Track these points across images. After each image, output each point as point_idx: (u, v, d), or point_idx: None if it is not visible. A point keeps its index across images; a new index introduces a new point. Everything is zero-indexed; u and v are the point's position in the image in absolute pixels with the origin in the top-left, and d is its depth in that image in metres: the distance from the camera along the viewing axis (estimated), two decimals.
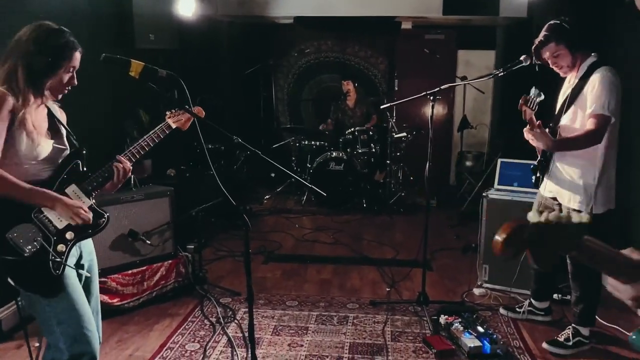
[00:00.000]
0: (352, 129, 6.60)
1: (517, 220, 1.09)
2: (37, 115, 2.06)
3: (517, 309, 3.68)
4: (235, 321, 3.55)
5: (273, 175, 7.26)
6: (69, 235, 2.09)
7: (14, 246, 1.94)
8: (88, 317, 2.13)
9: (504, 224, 1.09)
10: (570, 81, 3.16)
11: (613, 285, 1.19)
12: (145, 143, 2.37)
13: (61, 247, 2.05)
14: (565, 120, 3.10)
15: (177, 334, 3.37)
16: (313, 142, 6.85)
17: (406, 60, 7.92)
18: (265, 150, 6.41)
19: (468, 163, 7.11)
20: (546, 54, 3.05)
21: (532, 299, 3.64)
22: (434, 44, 7.72)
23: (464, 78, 6.48)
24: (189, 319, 3.58)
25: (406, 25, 7.80)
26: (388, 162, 6.61)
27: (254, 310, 3.56)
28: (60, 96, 2.16)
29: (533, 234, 1.07)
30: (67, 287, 2.06)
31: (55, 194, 2.04)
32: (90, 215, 2.11)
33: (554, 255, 1.10)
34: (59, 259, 2.02)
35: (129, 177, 2.34)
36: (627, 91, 3.00)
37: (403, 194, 6.67)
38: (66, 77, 2.09)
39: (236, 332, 3.40)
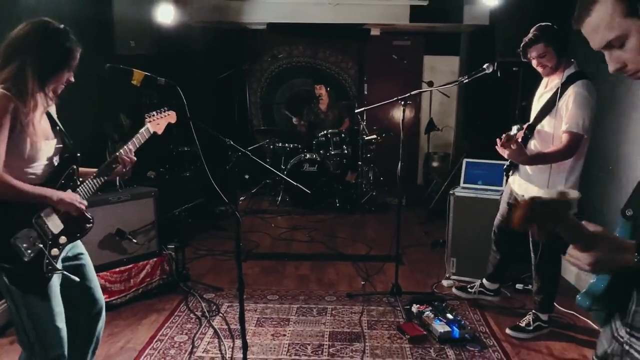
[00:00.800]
0: (325, 132, 6.84)
1: (526, 200, 1.31)
2: (37, 115, 2.12)
3: (469, 289, 3.98)
4: (220, 314, 3.73)
5: (247, 177, 7.45)
6: (62, 239, 2.23)
7: (17, 250, 2.06)
8: (61, 314, 2.25)
9: (520, 202, 1.31)
10: (548, 85, 3.34)
11: (573, 255, 1.38)
12: (129, 149, 2.51)
13: (55, 251, 2.19)
14: (541, 127, 3.31)
15: (165, 327, 3.54)
16: (287, 144, 7.08)
17: (375, 65, 8.22)
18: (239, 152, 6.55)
19: (435, 164, 7.45)
20: (533, 53, 3.22)
21: (484, 280, 3.93)
22: (401, 49, 8.03)
23: (430, 83, 6.79)
24: (175, 313, 3.75)
25: (375, 32, 8.08)
26: (359, 163, 6.87)
27: (236, 304, 3.79)
28: (59, 93, 2.23)
29: (543, 206, 1.28)
30: (50, 287, 2.19)
31: (58, 192, 2.18)
32: (85, 203, 2.27)
33: (550, 228, 1.31)
34: (53, 262, 2.16)
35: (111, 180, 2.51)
36: None
37: (374, 194, 6.94)
38: (67, 76, 2.17)
39: (221, 325, 3.59)
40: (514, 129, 3.29)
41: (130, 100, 5.24)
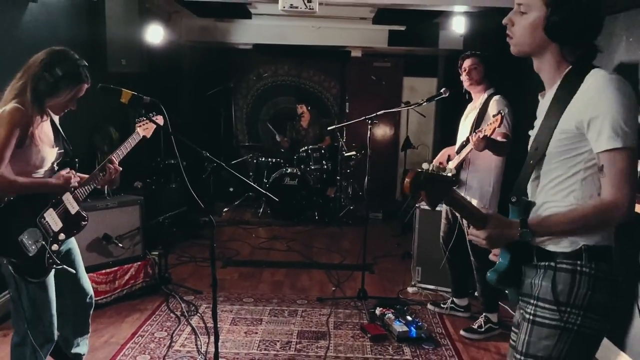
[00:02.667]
0: (306, 147, 7.19)
1: (414, 169, 1.65)
2: (43, 128, 2.45)
3: (442, 305, 4.28)
4: (198, 314, 4.03)
5: (232, 189, 7.77)
6: (61, 236, 2.56)
7: (23, 246, 2.38)
8: (54, 303, 2.57)
9: (409, 172, 1.65)
10: (472, 106, 3.85)
11: (473, 233, 1.77)
12: (121, 152, 2.86)
13: (55, 247, 2.52)
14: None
15: (146, 324, 3.83)
16: (269, 159, 7.43)
17: (356, 85, 8.62)
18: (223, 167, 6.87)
19: None
20: (466, 63, 3.78)
21: (453, 297, 4.25)
22: (381, 71, 8.45)
23: (407, 103, 7.18)
24: (157, 313, 4.04)
25: (356, 54, 8.51)
26: (338, 178, 7.22)
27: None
28: (60, 114, 2.58)
29: (427, 178, 1.61)
30: (48, 278, 2.51)
31: (46, 179, 2.50)
32: (74, 177, 2.58)
33: (437, 198, 1.65)
34: (54, 257, 2.49)
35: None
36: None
37: (352, 207, 7.28)
38: (66, 102, 2.49)
39: (199, 323, 3.88)
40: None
41: (120, 115, 5.57)
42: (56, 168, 2.59)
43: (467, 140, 3.62)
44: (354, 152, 7.17)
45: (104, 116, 5.26)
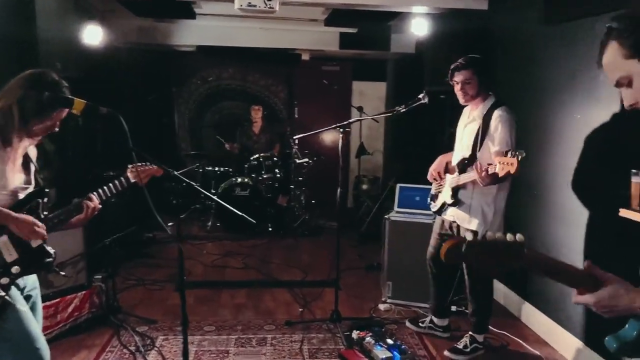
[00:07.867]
0: (257, 155, 6.82)
1: (458, 237, 1.34)
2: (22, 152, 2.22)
3: (420, 324, 4.03)
4: (155, 348, 3.58)
5: (175, 202, 7.25)
6: (15, 269, 2.17)
7: None
8: (38, 336, 2.20)
9: (449, 240, 1.33)
10: (470, 116, 3.54)
11: (577, 299, 1.43)
12: (103, 193, 2.52)
13: (4, 280, 2.13)
14: (481, 154, 3.41)
15: None
16: (217, 168, 6.99)
17: (305, 89, 8.32)
18: (168, 176, 6.41)
19: (365, 186, 7.59)
20: (459, 77, 3.41)
21: (433, 317, 3.99)
22: (330, 75, 8.20)
23: (359, 108, 6.96)
24: (107, 349, 3.55)
25: (305, 57, 8.20)
26: (292, 186, 6.88)
27: (171, 337, 3.67)
28: (38, 139, 2.30)
29: (469, 250, 1.31)
30: (14, 312, 2.12)
31: (10, 212, 2.11)
32: (44, 229, 2.21)
33: (499, 267, 1.35)
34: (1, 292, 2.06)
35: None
36: None
37: (307, 217, 6.96)
38: (51, 125, 2.25)
39: (157, 359, 3.44)
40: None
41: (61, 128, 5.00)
42: (20, 196, 2.22)
43: (470, 159, 3.37)
44: (306, 159, 6.86)
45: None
